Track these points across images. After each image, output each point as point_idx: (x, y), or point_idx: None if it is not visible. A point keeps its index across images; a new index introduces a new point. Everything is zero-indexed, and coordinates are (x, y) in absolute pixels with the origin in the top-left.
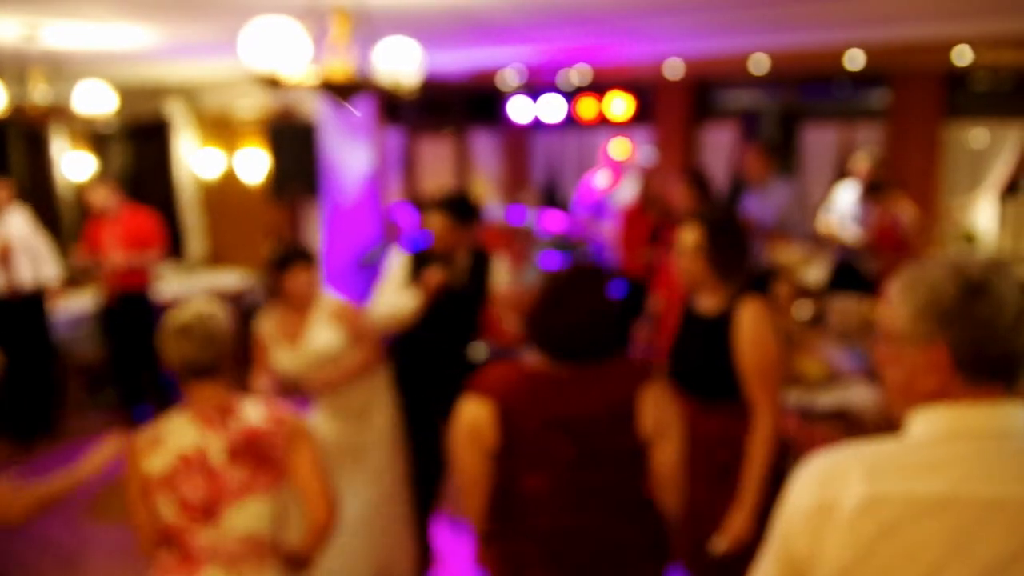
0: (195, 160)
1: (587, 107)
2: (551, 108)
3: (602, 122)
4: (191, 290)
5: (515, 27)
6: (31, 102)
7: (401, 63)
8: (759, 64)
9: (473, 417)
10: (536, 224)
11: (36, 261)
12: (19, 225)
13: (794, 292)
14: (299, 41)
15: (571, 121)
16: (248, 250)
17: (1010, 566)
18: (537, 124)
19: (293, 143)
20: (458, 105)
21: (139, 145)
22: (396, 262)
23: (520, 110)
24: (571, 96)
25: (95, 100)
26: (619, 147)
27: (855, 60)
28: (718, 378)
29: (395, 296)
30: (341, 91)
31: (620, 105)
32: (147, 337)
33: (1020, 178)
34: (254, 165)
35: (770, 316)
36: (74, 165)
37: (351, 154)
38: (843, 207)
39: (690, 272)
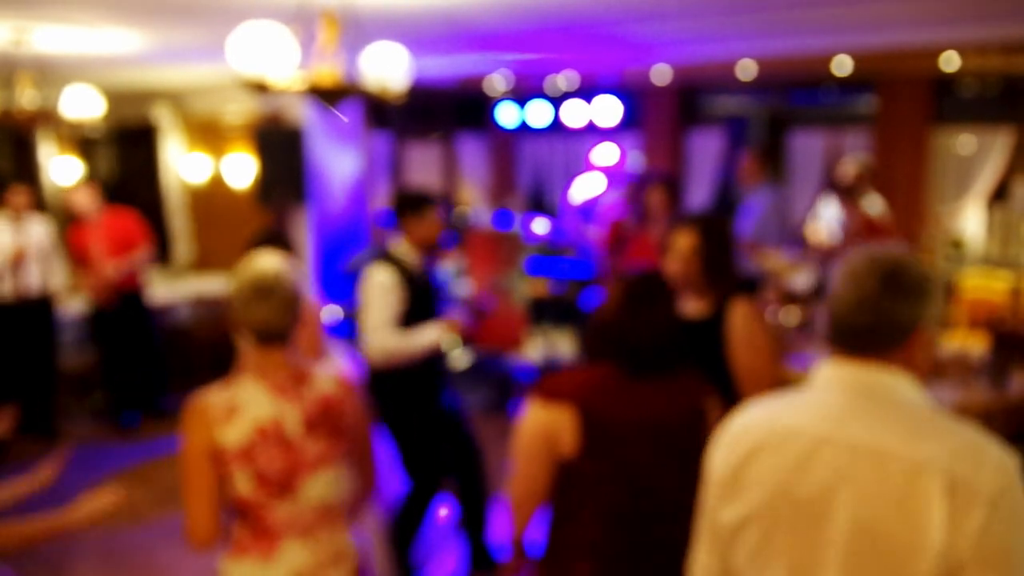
0: (182, 165)
1: (574, 112)
2: (538, 113)
3: (589, 127)
4: (178, 295)
5: (503, 32)
6: (19, 106)
7: (389, 68)
8: (746, 70)
9: (548, 423)
10: (523, 229)
11: (47, 271)
12: (39, 234)
13: (781, 298)
14: (287, 46)
15: (558, 126)
16: (235, 255)
17: (834, 492)
18: (524, 129)
19: (280, 148)
20: (446, 110)
21: (126, 150)
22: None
23: (507, 115)
24: (558, 101)
25: (83, 104)
26: (606, 153)
27: (843, 66)
28: (713, 381)
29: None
30: (329, 96)
31: (607, 110)
32: (139, 340)
33: (1008, 184)
34: (241, 170)
35: (760, 317)
36: (62, 169)
37: (338, 159)
38: (831, 213)
39: (684, 275)
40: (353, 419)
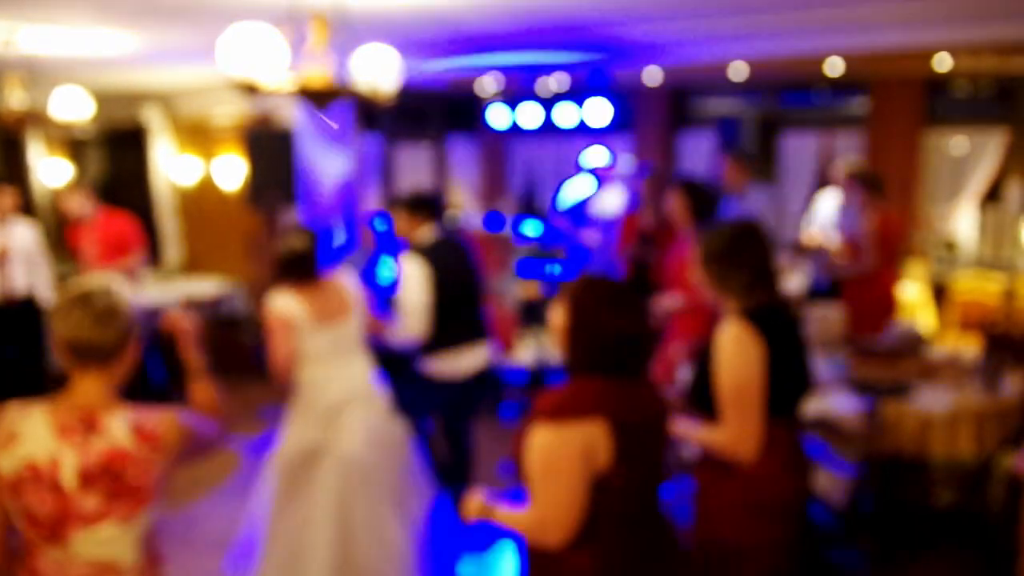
0: (172, 166)
1: (565, 114)
2: (529, 115)
3: (580, 129)
4: (168, 297)
5: (494, 34)
6: (7, 108)
7: (379, 70)
8: (738, 71)
9: (584, 440)
10: (514, 231)
11: (33, 274)
12: (23, 235)
13: None
14: (277, 47)
15: (549, 128)
16: (225, 257)
17: None
18: (515, 131)
19: (270, 150)
20: (436, 112)
21: (116, 151)
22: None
23: (498, 117)
24: (549, 103)
25: (72, 106)
26: (597, 154)
27: (835, 67)
28: (707, 395)
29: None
30: (319, 98)
31: (598, 112)
32: None
33: (1000, 185)
34: (231, 172)
35: (750, 341)
36: (51, 171)
37: (329, 161)
38: (825, 215)
39: (701, 285)
40: (152, 474)
